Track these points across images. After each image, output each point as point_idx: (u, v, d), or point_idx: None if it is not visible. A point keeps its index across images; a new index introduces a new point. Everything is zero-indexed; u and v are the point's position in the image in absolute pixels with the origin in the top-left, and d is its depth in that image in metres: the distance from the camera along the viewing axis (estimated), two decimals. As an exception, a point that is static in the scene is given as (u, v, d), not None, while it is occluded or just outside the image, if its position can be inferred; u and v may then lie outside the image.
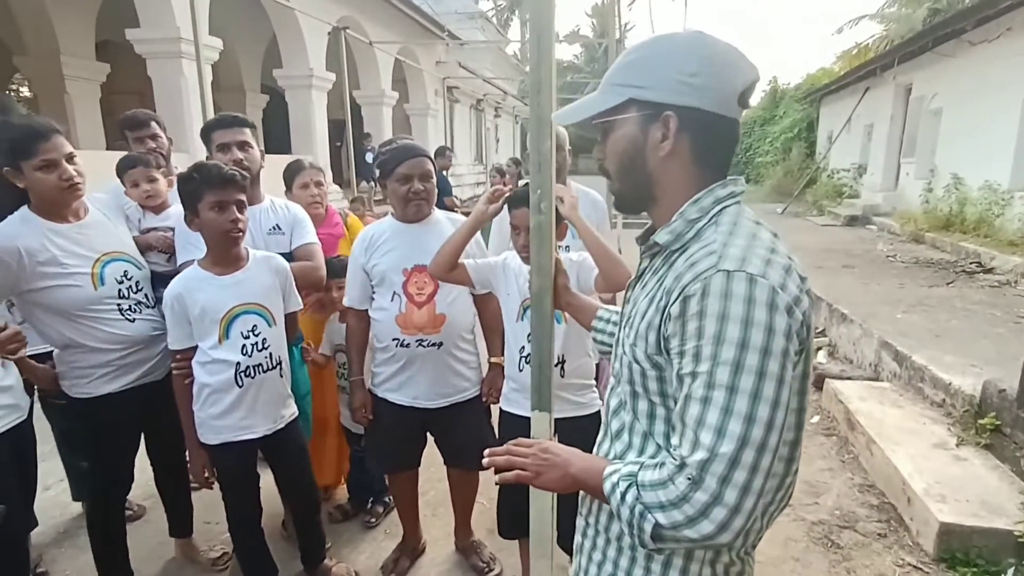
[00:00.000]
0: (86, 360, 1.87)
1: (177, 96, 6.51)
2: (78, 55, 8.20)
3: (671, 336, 0.83)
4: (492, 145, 21.53)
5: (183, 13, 6.14)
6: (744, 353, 0.76)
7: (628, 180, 0.95)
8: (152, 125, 2.59)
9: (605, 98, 0.92)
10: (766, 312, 0.77)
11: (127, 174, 2.30)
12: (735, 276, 0.78)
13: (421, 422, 2.16)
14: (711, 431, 0.77)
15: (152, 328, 1.99)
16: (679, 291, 0.82)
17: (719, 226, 0.87)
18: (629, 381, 0.94)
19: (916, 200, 10.56)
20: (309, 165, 2.56)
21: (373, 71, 11.53)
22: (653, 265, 0.96)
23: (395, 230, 2.06)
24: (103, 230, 1.94)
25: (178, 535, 2.38)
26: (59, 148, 1.74)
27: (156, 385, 2.02)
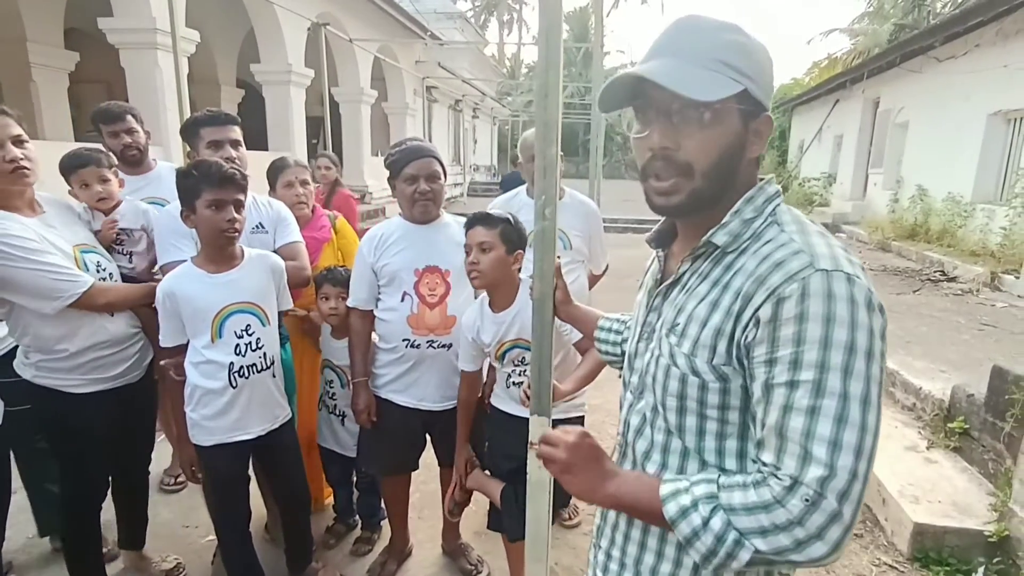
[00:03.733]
0: (63, 360, 1.81)
1: (151, 89, 6.34)
2: (45, 43, 7.92)
3: (757, 343, 0.75)
4: (470, 146, 21.50)
5: (158, 3, 6.00)
6: (852, 357, 0.70)
7: (719, 180, 0.83)
8: (128, 119, 2.48)
9: (720, 79, 0.78)
10: (866, 313, 0.72)
11: (76, 174, 2.08)
12: (834, 276, 0.72)
13: (423, 424, 2.15)
14: (825, 443, 0.69)
15: (129, 326, 1.95)
16: (767, 293, 0.75)
17: (783, 224, 0.82)
18: (679, 395, 0.85)
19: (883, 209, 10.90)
20: (294, 163, 2.48)
21: (352, 69, 11.42)
22: (697, 268, 0.87)
23: (405, 230, 2.04)
24: (66, 224, 1.87)
25: (129, 547, 2.26)
26: (4, 128, 1.66)
27: (131, 388, 1.97)
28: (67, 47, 8.29)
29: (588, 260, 2.59)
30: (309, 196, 2.51)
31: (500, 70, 26.27)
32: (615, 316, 1.37)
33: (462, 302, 2.03)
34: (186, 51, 6.33)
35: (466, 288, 2.04)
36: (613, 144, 32.59)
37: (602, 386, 4.05)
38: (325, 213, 2.65)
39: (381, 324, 2.07)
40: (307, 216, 2.52)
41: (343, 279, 2.22)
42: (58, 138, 7.15)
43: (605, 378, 4.32)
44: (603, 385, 4.13)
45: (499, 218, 1.80)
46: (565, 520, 2.68)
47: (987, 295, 6.16)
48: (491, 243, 1.78)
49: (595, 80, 6.11)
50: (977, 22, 7.83)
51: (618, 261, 1.02)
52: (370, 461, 2.25)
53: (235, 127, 2.18)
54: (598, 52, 5.96)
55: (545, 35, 1.38)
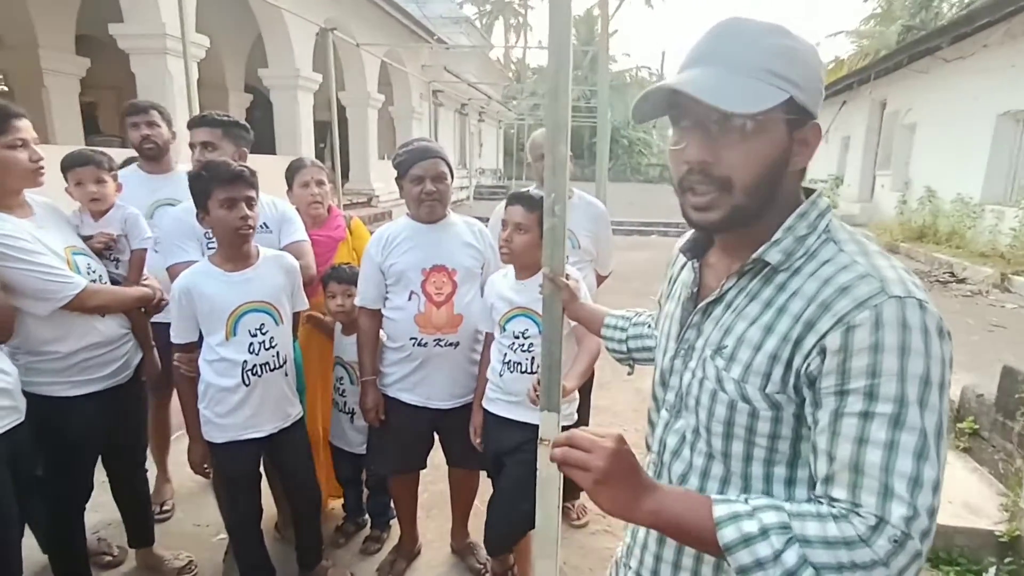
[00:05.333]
0: (53, 362, 1.83)
1: (161, 94, 6.38)
2: (57, 48, 8.03)
3: (825, 373, 0.71)
4: (476, 149, 21.56)
5: (169, 9, 6.05)
6: (928, 390, 0.67)
7: (761, 195, 0.78)
8: (152, 112, 2.48)
9: (763, 89, 0.73)
10: (939, 342, 0.68)
11: (73, 172, 2.10)
12: (908, 303, 0.68)
13: (431, 422, 2.16)
14: (907, 481, 0.66)
15: (119, 326, 1.98)
16: (833, 320, 0.70)
17: (841, 243, 0.77)
18: (726, 422, 0.81)
19: (891, 211, 10.86)
20: (311, 163, 2.51)
21: (359, 73, 11.48)
22: (744, 286, 0.82)
23: (412, 230, 2.06)
24: (56, 225, 1.90)
25: (139, 545, 2.28)
26: (29, 130, 1.72)
27: (120, 389, 1.99)
28: (78, 53, 8.40)
29: (595, 261, 2.61)
30: (325, 196, 2.54)
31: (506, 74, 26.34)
32: (620, 313, 1.38)
33: (469, 301, 2.05)
34: (196, 56, 6.41)
35: (472, 287, 2.06)
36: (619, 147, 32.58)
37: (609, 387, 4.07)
38: (341, 213, 2.68)
39: (388, 323, 2.09)
40: (323, 216, 2.55)
41: (348, 276, 2.25)
42: (69, 143, 7.22)
43: (611, 379, 4.32)
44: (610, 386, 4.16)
45: (540, 202, 1.83)
46: (574, 520, 2.68)
47: (997, 296, 6.13)
48: (528, 226, 1.86)
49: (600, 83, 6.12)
50: (984, 23, 7.81)
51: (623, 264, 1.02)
52: (378, 460, 2.26)
53: (213, 129, 2.23)
54: (604, 56, 5.97)
55: (555, 37, 1.41)
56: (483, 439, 2.06)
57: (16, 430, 1.61)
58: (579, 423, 2.25)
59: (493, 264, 2.12)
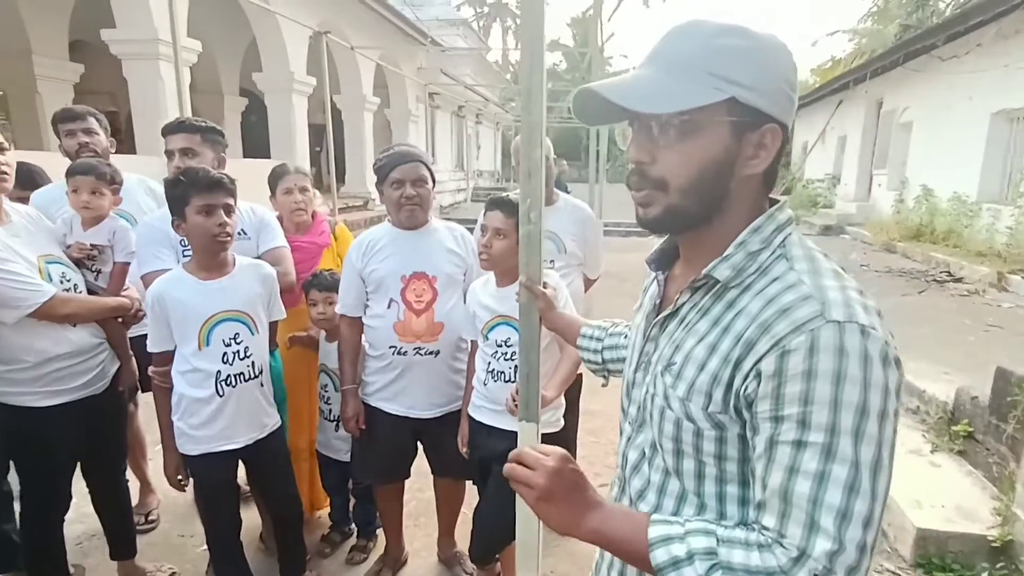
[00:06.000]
0: (25, 371, 1.81)
1: (154, 99, 6.39)
2: (51, 55, 8.01)
3: (760, 398, 0.69)
4: (473, 152, 21.55)
5: (161, 14, 6.04)
6: (865, 420, 0.64)
7: (700, 197, 0.76)
8: (89, 119, 2.41)
9: (696, 88, 0.71)
10: (882, 370, 0.65)
11: (72, 178, 2.13)
12: (847, 328, 0.66)
13: (413, 432, 2.13)
14: (834, 514, 0.64)
15: (92, 335, 1.96)
16: (770, 343, 0.68)
17: (793, 261, 0.74)
18: (674, 438, 0.79)
19: (888, 210, 10.84)
20: (294, 170, 2.47)
21: (354, 76, 11.47)
22: (697, 302, 0.80)
23: (393, 236, 2.03)
24: (32, 234, 1.88)
25: (121, 557, 2.24)
26: None
27: (95, 400, 1.97)
28: (72, 59, 8.38)
29: (583, 264, 2.58)
30: (309, 202, 2.51)
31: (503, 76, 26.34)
32: (596, 323, 1.35)
33: (449, 309, 2.02)
34: (188, 61, 6.38)
35: (454, 294, 2.03)
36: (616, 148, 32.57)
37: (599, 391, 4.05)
38: (325, 219, 2.65)
39: (369, 331, 2.06)
40: (307, 222, 2.52)
41: (329, 283, 2.22)
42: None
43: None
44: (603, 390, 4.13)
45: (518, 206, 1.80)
46: (563, 527, 2.65)
47: (993, 296, 6.10)
48: (507, 231, 1.81)
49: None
50: (977, 22, 7.79)
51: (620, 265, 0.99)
52: (362, 470, 2.24)
53: (194, 136, 2.17)
54: (597, 56, 5.98)
55: (527, 38, 1.38)
56: (469, 446, 2.04)
57: None
58: (567, 429, 2.22)
59: (476, 270, 2.09)
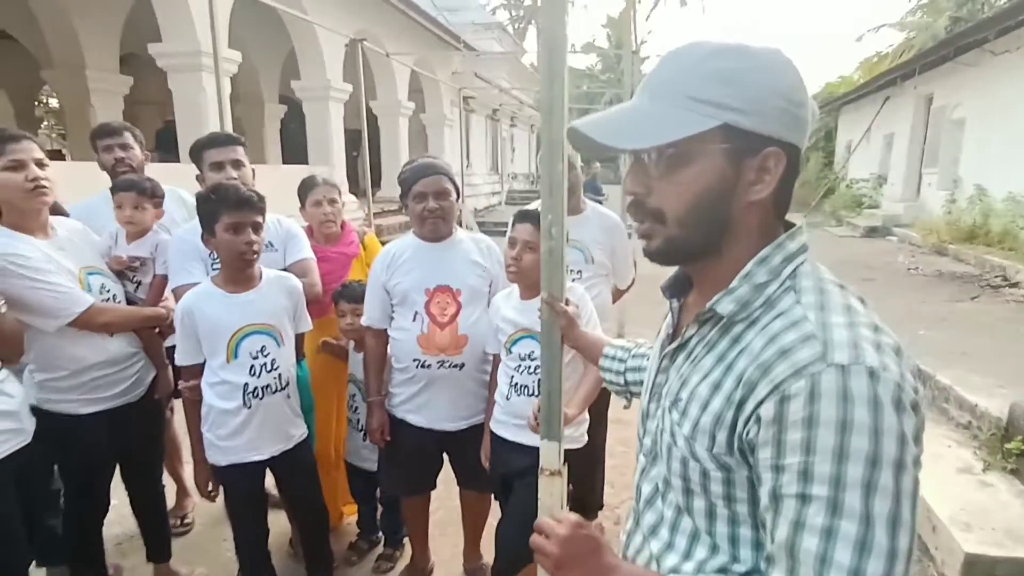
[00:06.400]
0: (65, 380, 1.89)
1: (196, 108, 6.60)
2: (103, 68, 8.36)
3: (761, 444, 0.65)
4: (508, 155, 21.58)
5: (204, 28, 6.23)
6: (876, 471, 0.59)
7: (700, 227, 0.73)
8: (125, 135, 2.49)
9: (683, 117, 0.69)
10: (894, 415, 0.60)
11: (117, 195, 2.24)
12: (852, 372, 0.61)
13: (439, 444, 2.13)
14: (844, 574, 0.59)
15: (128, 345, 2.03)
16: (770, 387, 0.64)
17: (801, 293, 0.70)
18: (682, 476, 0.76)
19: (939, 211, 10.38)
20: (323, 182, 2.50)
21: (390, 82, 11.62)
22: (704, 335, 0.76)
23: (417, 249, 2.04)
24: (76, 247, 1.96)
25: (157, 560, 2.31)
26: (28, 151, 1.76)
27: (132, 407, 2.03)
28: (122, 71, 8.73)
29: (612, 274, 2.54)
30: (337, 214, 2.54)
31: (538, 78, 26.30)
32: (620, 343, 1.32)
33: (474, 321, 2.00)
34: (228, 72, 6.57)
35: (479, 307, 2.02)
36: (653, 149, 32.09)
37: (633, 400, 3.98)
38: (354, 229, 2.68)
39: (394, 343, 2.07)
40: (336, 233, 2.55)
41: (358, 294, 2.24)
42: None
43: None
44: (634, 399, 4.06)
45: None
46: (591, 541, 2.61)
47: (1053, 302, 5.78)
48: (537, 244, 1.77)
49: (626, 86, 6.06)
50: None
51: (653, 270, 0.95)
52: (388, 481, 2.25)
53: (236, 147, 2.21)
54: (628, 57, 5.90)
55: (549, 51, 1.35)
56: (491, 462, 2.02)
57: (22, 452, 1.65)
58: (593, 444, 2.19)
59: (501, 282, 2.07)
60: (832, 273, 0.75)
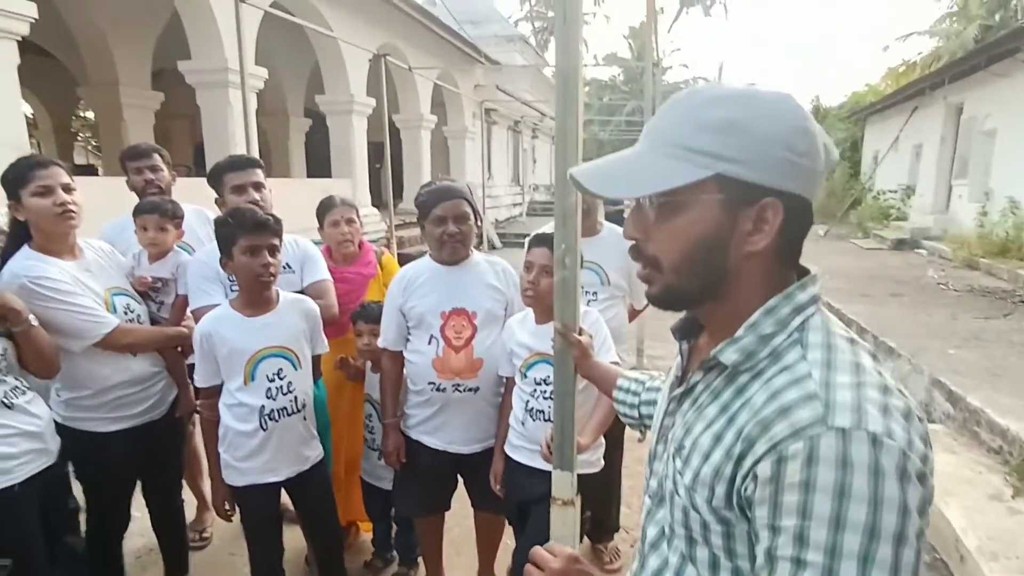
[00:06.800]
0: (90, 399, 1.94)
1: (223, 123, 6.76)
2: (135, 85, 8.62)
3: (758, 503, 0.63)
4: (529, 166, 21.64)
5: (232, 45, 6.39)
6: (874, 543, 0.57)
7: (696, 276, 0.72)
8: (154, 156, 2.55)
9: (676, 167, 0.69)
10: (897, 485, 0.58)
11: (140, 217, 2.28)
12: (854, 437, 0.59)
13: (453, 466, 2.14)
14: None
15: (151, 365, 2.07)
16: (768, 445, 0.63)
17: (807, 348, 0.68)
18: (684, 525, 0.75)
19: (970, 224, 10.13)
20: (340, 202, 2.53)
21: (412, 96, 11.76)
22: (710, 382, 0.75)
23: (433, 272, 2.04)
24: (103, 268, 2.01)
25: (175, 574, 2.34)
26: (55, 177, 1.81)
27: (154, 425, 2.08)
28: (154, 87, 8.99)
29: (629, 295, 2.52)
30: (355, 234, 2.56)
31: (559, 89, 26.30)
32: (633, 376, 1.30)
33: (489, 345, 2.00)
34: (254, 87, 6.72)
35: (494, 330, 2.02)
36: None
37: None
38: (372, 249, 2.70)
39: (409, 366, 2.08)
40: (354, 253, 2.57)
41: (376, 315, 2.25)
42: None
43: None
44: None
45: None
46: (606, 564, 2.59)
47: (1091, 320, 5.58)
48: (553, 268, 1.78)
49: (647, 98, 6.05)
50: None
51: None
52: (402, 502, 2.26)
53: (257, 170, 2.26)
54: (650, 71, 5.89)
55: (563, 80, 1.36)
56: (506, 487, 2.01)
57: (46, 471, 1.69)
58: (609, 468, 2.17)
59: (517, 305, 2.07)
60: (842, 327, 0.73)
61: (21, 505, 1.63)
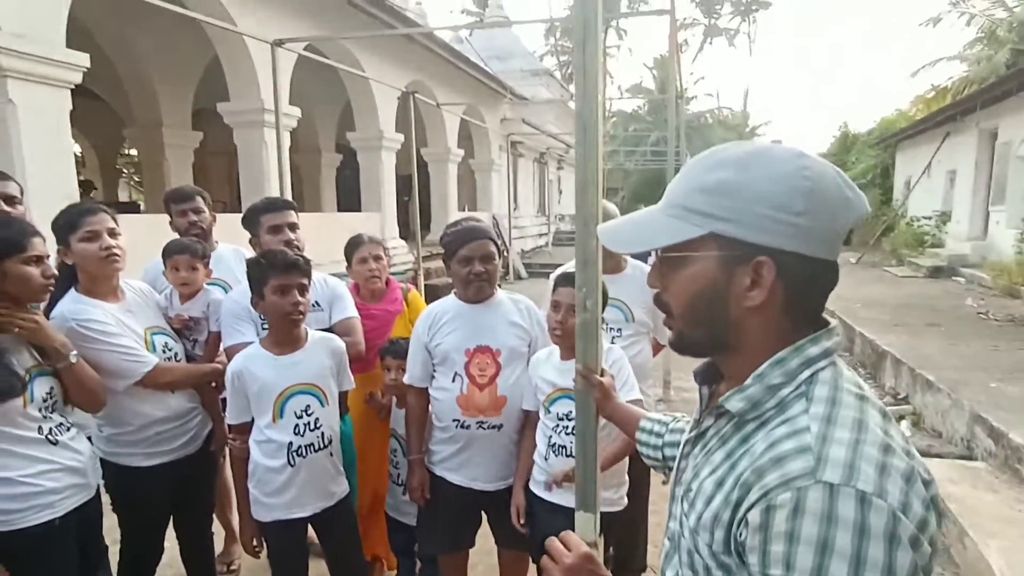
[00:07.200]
0: (131, 434, 2.02)
1: (259, 161, 7.02)
2: (177, 125, 9.04)
3: (749, 550, 0.65)
4: (555, 196, 21.81)
5: (268, 88, 6.67)
6: None
7: (700, 326, 0.77)
8: (197, 199, 2.66)
9: (676, 225, 0.74)
10: (883, 548, 0.58)
11: (171, 258, 2.35)
12: (841, 493, 0.59)
13: (478, 503, 2.14)
14: None
15: (188, 400, 2.15)
16: (760, 493, 0.64)
17: (812, 402, 0.68)
18: (691, 568, 0.77)
19: (1009, 250, 9.82)
20: (367, 240, 2.61)
21: (440, 130, 12.05)
22: (720, 428, 0.77)
23: (458, 310, 2.08)
24: (142, 308, 2.11)
25: None
26: (102, 222, 1.92)
27: (190, 459, 2.14)
28: (193, 127, 9.40)
29: (653, 331, 2.52)
30: (383, 271, 2.64)
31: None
32: (656, 417, 1.31)
33: (513, 382, 2.03)
34: (288, 126, 6.98)
35: (518, 367, 2.04)
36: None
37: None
38: (399, 286, 2.77)
39: (434, 403, 2.11)
40: (381, 289, 2.64)
41: (404, 351, 2.29)
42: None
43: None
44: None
45: None
46: (633, 605, 2.53)
47: None
48: None
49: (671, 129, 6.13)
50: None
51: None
52: (426, 540, 2.26)
53: (292, 211, 2.37)
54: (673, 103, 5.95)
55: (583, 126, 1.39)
56: (530, 523, 2.01)
57: (85, 506, 1.76)
58: (634, 506, 2.15)
59: (540, 342, 2.10)
60: (854, 377, 0.73)
61: (60, 538, 1.70)
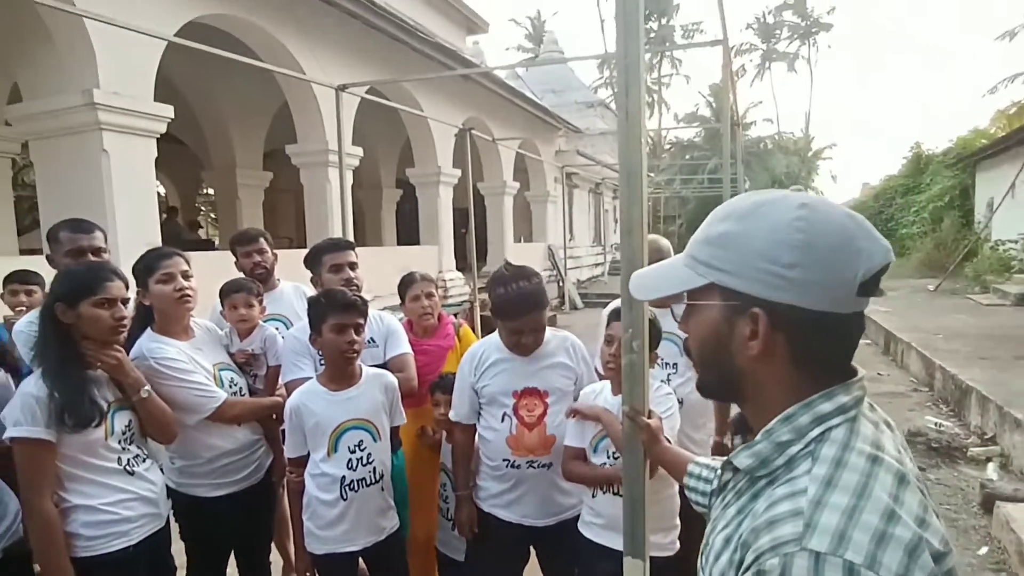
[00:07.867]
0: (201, 466, 2.12)
1: (323, 199, 7.38)
2: (249, 166, 9.65)
3: None
4: (611, 226, 21.73)
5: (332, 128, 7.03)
6: None
7: (711, 371, 0.80)
8: (260, 241, 2.80)
9: (686, 274, 0.77)
10: None
11: (229, 297, 2.44)
12: (828, 563, 0.57)
13: (527, 538, 2.13)
14: None
15: (252, 433, 2.24)
16: (753, 556, 0.62)
17: (817, 462, 0.66)
18: None
19: (1110, 277, 9.03)
20: (420, 278, 2.69)
21: (496, 164, 12.30)
22: (737, 482, 0.77)
23: (503, 354, 2.08)
24: (210, 345, 2.23)
25: None
26: (177, 265, 2.05)
27: (253, 489, 2.22)
28: (264, 167, 9.99)
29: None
30: (435, 307, 2.71)
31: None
32: (705, 462, 1.27)
33: (561, 421, 2.02)
34: (351, 165, 7.32)
35: (565, 406, 2.03)
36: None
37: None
38: (451, 321, 2.83)
39: (483, 443, 2.12)
40: (433, 325, 2.71)
41: (452, 386, 2.32)
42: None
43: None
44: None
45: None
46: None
47: None
48: None
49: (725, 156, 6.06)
50: None
51: None
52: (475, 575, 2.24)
53: (352, 251, 2.48)
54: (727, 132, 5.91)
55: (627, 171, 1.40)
56: (579, 565, 1.97)
57: (157, 534, 1.85)
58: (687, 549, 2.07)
59: (586, 379, 2.08)
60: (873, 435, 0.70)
61: (135, 565, 1.79)
